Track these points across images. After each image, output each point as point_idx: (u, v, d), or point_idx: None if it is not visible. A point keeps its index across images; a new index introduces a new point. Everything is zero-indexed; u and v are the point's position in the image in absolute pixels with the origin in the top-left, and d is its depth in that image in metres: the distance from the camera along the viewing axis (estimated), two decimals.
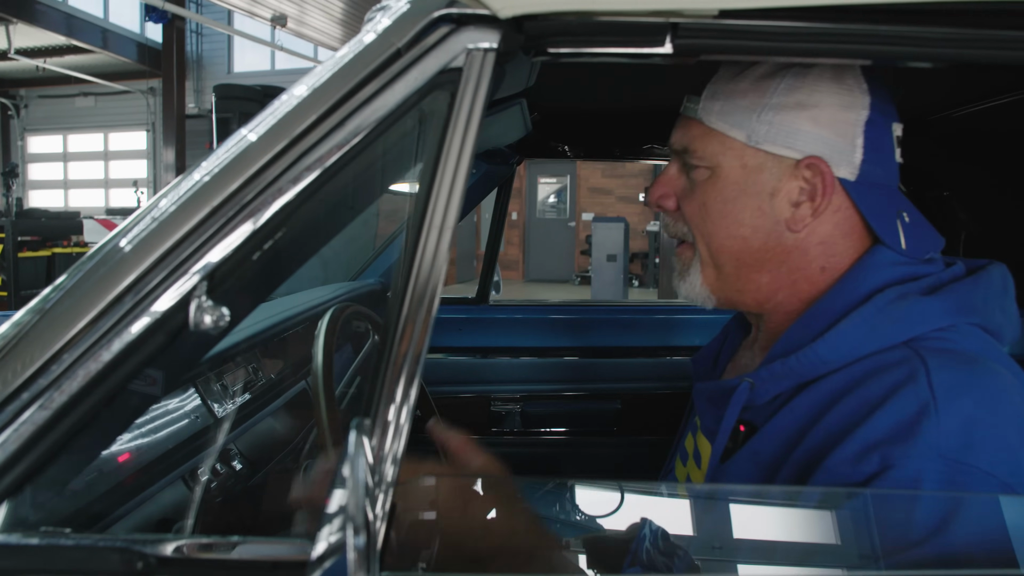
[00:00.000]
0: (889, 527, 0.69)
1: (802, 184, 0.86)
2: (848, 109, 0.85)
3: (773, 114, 0.85)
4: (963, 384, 0.74)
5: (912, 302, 0.81)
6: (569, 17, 0.70)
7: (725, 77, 0.89)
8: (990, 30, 0.71)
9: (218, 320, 0.66)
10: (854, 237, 0.88)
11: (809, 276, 0.89)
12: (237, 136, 0.70)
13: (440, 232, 0.68)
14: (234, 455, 1.36)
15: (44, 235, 8.83)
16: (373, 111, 0.69)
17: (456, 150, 0.69)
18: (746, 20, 0.71)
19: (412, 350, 0.65)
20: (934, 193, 2.29)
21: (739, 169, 0.87)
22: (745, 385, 0.86)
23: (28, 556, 0.65)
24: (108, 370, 0.67)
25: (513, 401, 2.40)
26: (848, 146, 0.85)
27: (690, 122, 0.91)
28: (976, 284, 0.86)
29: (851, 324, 0.81)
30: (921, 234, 0.89)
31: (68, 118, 15.65)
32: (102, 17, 13.22)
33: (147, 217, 0.69)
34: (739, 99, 0.87)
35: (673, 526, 0.71)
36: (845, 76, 0.85)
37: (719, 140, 0.88)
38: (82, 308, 0.67)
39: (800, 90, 0.85)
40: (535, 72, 1.22)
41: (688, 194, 0.92)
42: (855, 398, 0.77)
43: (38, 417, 0.65)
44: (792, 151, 0.85)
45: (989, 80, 1.52)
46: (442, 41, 0.70)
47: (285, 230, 0.69)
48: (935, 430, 0.71)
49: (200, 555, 0.65)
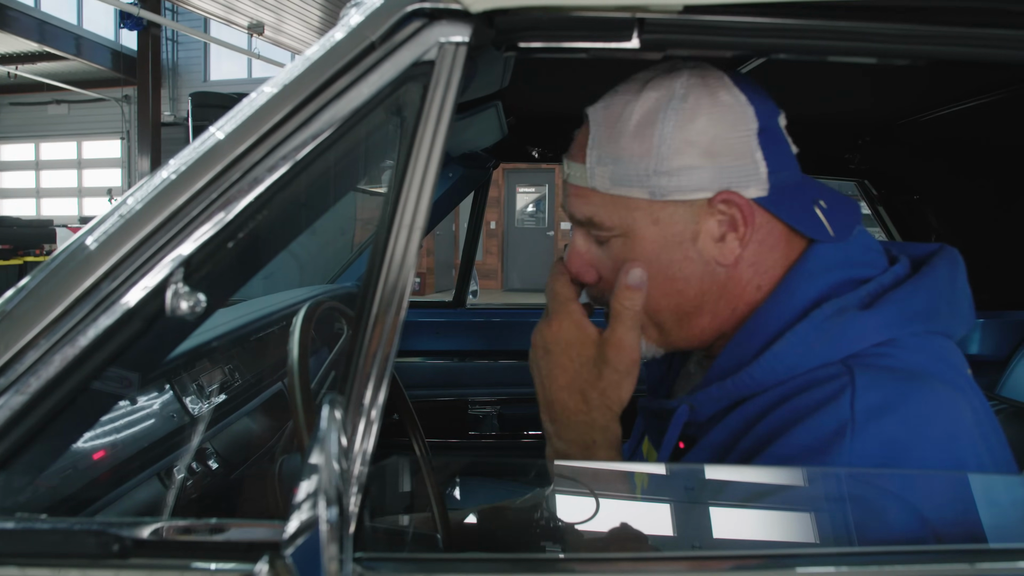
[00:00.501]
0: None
1: (719, 218, 0.83)
2: (736, 128, 0.82)
3: (668, 162, 0.81)
4: (889, 405, 0.73)
5: (849, 318, 0.79)
6: (538, 12, 0.72)
7: (602, 134, 0.85)
8: (951, 27, 0.74)
9: (194, 306, 0.67)
10: (781, 246, 0.87)
11: (746, 299, 0.87)
12: (220, 123, 0.71)
13: (412, 223, 0.69)
14: (210, 454, 1.36)
15: (16, 244, 8.73)
16: (347, 102, 0.70)
17: (428, 141, 0.71)
18: (711, 16, 0.73)
19: (382, 349, 0.66)
20: (904, 197, 2.34)
21: (652, 226, 0.84)
22: (684, 408, 0.86)
23: (4, 540, 0.65)
24: (84, 356, 0.67)
25: (491, 404, 2.42)
26: (750, 165, 0.82)
27: (582, 190, 0.87)
28: (919, 287, 0.83)
29: (787, 344, 0.79)
30: (842, 214, 0.87)
31: (41, 126, 15.45)
32: (76, 24, 13.08)
33: (124, 206, 0.70)
34: (627, 157, 0.83)
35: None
36: (719, 95, 0.82)
37: (623, 204, 0.84)
38: (58, 296, 0.68)
39: (684, 127, 0.81)
40: (509, 71, 1.25)
41: (605, 263, 0.88)
42: (782, 412, 0.77)
43: (14, 402, 0.66)
44: (700, 192, 0.82)
45: (955, 84, 1.57)
46: (415, 35, 0.72)
47: (261, 219, 0.70)
48: (847, 452, 0.71)
49: (176, 537, 0.66)
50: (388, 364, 0.67)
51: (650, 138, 0.82)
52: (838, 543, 0.70)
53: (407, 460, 0.81)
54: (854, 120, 2.00)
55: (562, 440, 0.88)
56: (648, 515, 0.75)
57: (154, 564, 0.65)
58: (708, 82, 0.84)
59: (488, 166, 2.38)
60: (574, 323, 0.88)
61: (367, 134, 0.73)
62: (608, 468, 0.84)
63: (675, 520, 0.74)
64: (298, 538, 0.54)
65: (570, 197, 0.89)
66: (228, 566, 0.65)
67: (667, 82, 0.84)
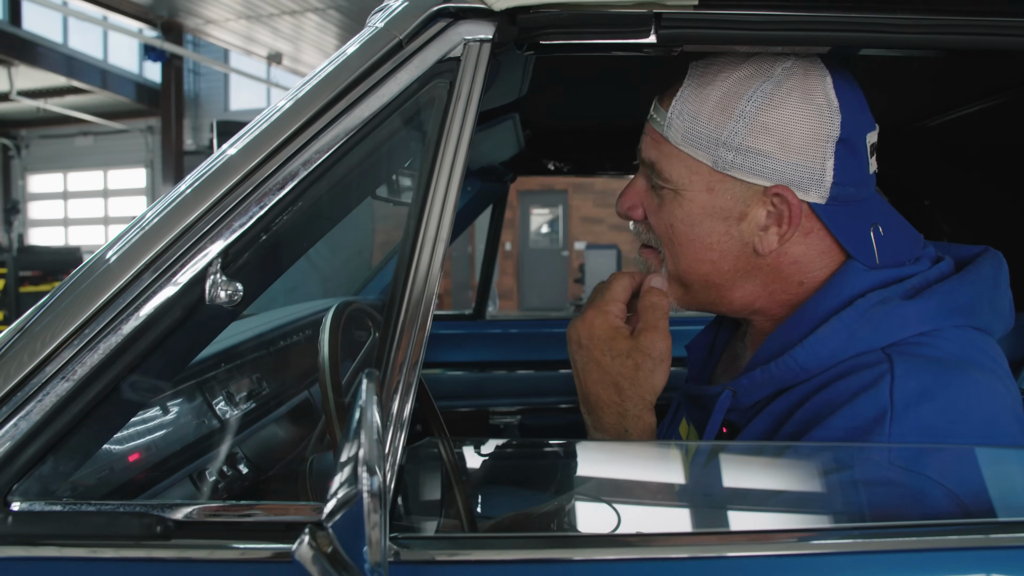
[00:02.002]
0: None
1: (769, 209, 0.85)
2: (817, 131, 0.82)
3: (740, 139, 0.82)
4: (927, 392, 0.74)
5: (893, 307, 0.80)
6: (558, 8, 0.75)
7: (691, 93, 0.86)
8: (964, 16, 0.76)
9: (232, 295, 0.70)
10: (830, 254, 0.87)
11: (787, 288, 0.88)
12: (256, 120, 0.74)
13: (440, 216, 0.72)
14: (240, 458, 1.39)
15: (45, 270, 8.91)
16: (377, 98, 0.73)
17: (456, 133, 0.74)
18: (726, 10, 0.76)
19: (409, 358, 0.69)
20: (914, 203, 2.34)
21: (705, 192, 0.85)
22: (727, 394, 0.87)
23: (53, 522, 0.67)
24: (127, 344, 0.70)
25: (512, 414, 2.42)
26: (818, 170, 0.82)
27: (657, 136, 0.89)
28: (963, 282, 0.84)
29: (831, 329, 0.81)
30: (897, 244, 0.88)
31: (68, 157, 15.80)
32: (101, 58, 13.42)
33: (172, 199, 0.73)
34: (705, 121, 0.84)
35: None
36: (814, 93, 0.82)
37: (685, 163, 0.86)
38: (102, 288, 0.71)
39: (767, 111, 0.82)
40: (527, 78, 1.27)
41: (656, 210, 0.90)
42: (822, 397, 0.78)
43: (61, 388, 0.69)
44: (760, 178, 0.83)
45: (961, 89, 1.58)
46: (441, 33, 0.75)
47: (296, 213, 0.73)
48: (886, 438, 0.73)
49: (216, 518, 0.68)
50: (415, 373, 0.69)
51: (732, 110, 0.83)
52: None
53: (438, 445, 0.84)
54: None
55: (598, 430, 0.91)
56: (673, 500, 0.77)
57: (195, 544, 0.67)
58: (808, 76, 0.83)
59: (506, 180, 2.41)
60: (605, 318, 0.90)
61: (396, 130, 0.75)
62: (648, 447, 0.86)
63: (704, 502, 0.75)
64: (339, 511, 0.56)
65: (645, 136, 0.91)
66: (267, 545, 0.66)
67: (770, 62, 0.84)
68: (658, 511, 0.82)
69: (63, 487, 0.75)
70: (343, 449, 0.57)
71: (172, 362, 0.79)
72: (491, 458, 1.21)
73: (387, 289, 2.44)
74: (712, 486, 0.79)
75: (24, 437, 0.68)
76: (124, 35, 11.38)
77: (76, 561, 0.66)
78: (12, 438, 0.67)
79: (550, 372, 2.44)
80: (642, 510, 0.80)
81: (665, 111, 0.87)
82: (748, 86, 0.83)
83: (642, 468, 0.84)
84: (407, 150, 0.79)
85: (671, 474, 0.84)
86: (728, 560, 0.67)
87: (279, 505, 0.69)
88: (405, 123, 0.75)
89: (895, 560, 0.67)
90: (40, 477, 0.69)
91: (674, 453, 0.88)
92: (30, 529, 0.67)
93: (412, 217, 0.72)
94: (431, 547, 0.66)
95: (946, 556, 0.68)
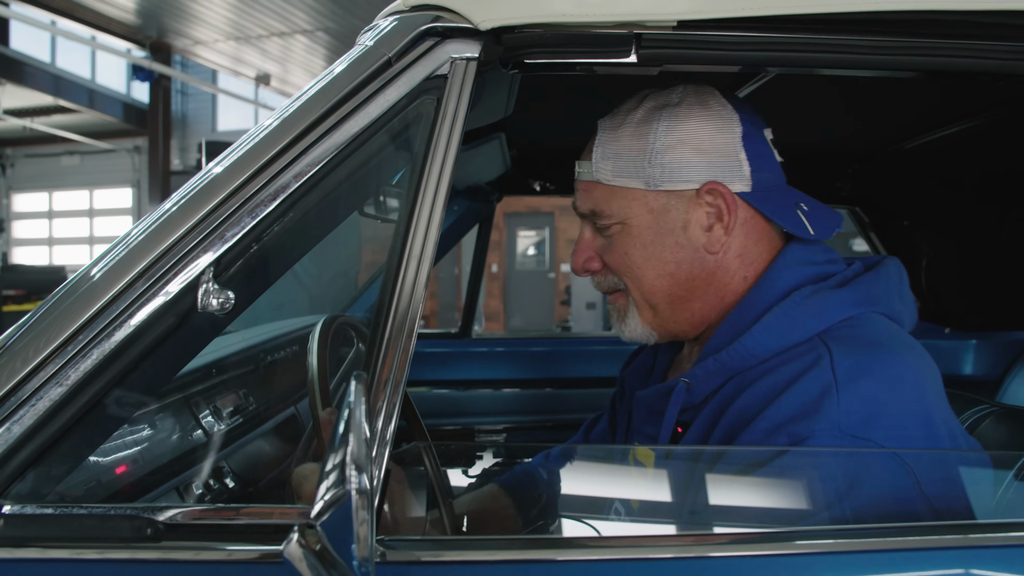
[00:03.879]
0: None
1: (707, 209, 0.94)
2: (722, 131, 0.93)
3: (661, 156, 0.92)
4: (864, 367, 0.82)
5: (825, 295, 0.90)
6: (541, 28, 0.78)
7: (606, 136, 0.96)
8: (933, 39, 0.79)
9: (224, 303, 0.72)
10: (766, 240, 0.97)
11: (734, 288, 0.96)
12: (245, 136, 0.77)
13: (427, 230, 0.74)
14: (226, 472, 1.39)
15: (29, 289, 8.84)
16: (367, 114, 0.76)
17: (443, 149, 0.76)
18: (704, 31, 0.79)
19: (394, 376, 0.70)
20: (894, 223, 2.39)
21: (647, 214, 0.94)
22: (682, 385, 0.92)
23: (43, 525, 0.68)
24: (119, 351, 0.72)
25: (496, 433, 2.43)
26: (735, 162, 0.93)
27: (589, 184, 0.98)
28: (877, 277, 0.94)
29: (774, 317, 0.89)
30: (822, 217, 0.97)
31: (54, 176, 15.70)
32: (89, 78, 13.41)
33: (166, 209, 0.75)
34: (626, 153, 0.94)
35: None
36: (709, 103, 0.94)
37: (621, 196, 0.95)
38: (97, 293, 0.72)
39: (676, 128, 0.93)
40: (513, 99, 1.30)
41: (608, 250, 0.98)
42: (765, 383, 0.85)
43: (54, 393, 0.70)
44: (689, 183, 0.93)
45: (939, 112, 1.63)
46: (429, 52, 0.78)
47: (287, 221, 0.75)
48: (835, 409, 0.79)
49: (205, 521, 0.69)
50: (400, 390, 0.71)
51: (646, 135, 0.93)
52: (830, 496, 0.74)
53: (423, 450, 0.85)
54: (843, 148, 2.06)
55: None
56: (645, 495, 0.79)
57: (184, 546, 0.68)
58: (700, 93, 0.96)
59: (492, 199, 2.44)
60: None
61: (385, 144, 0.78)
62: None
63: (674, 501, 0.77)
64: (328, 510, 0.57)
65: (578, 192, 1.00)
66: (255, 547, 0.68)
67: (664, 93, 0.97)
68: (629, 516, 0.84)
69: (52, 494, 0.76)
70: (332, 450, 0.58)
71: (164, 369, 0.80)
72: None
73: (373, 307, 2.46)
74: (680, 490, 0.82)
75: (17, 441, 0.69)
76: (112, 55, 11.40)
77: (66, 563, 0.67)
78: (5, 442, 0.69)
79: (535, 390, 2.46)
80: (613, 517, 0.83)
81: (589, 162, 0.97)
82: (653, 115, 0.94)
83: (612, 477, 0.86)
84: (395, 164, 0.81)
85: (641, 481, 0.87)
86: (711, 560, 0.69)
87: (266, 508, 0.70)
88: (393, 138, 0.78)
89: (872, 560, 0.69)
90: (31, 481, 0.70)
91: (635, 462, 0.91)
92: (21, 531, 0.68)
93: (398, 233, 0.74)
94: (417, 548, 0.68)
95: (923, 556, 0.70)
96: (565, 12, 0.77)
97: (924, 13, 0.77)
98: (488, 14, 0.77)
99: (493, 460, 2.43)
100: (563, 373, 2.48)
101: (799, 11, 0.78)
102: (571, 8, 0.77)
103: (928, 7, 0.76)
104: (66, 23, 9.55)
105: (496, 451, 2.41)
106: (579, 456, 1.11)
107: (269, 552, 0.67)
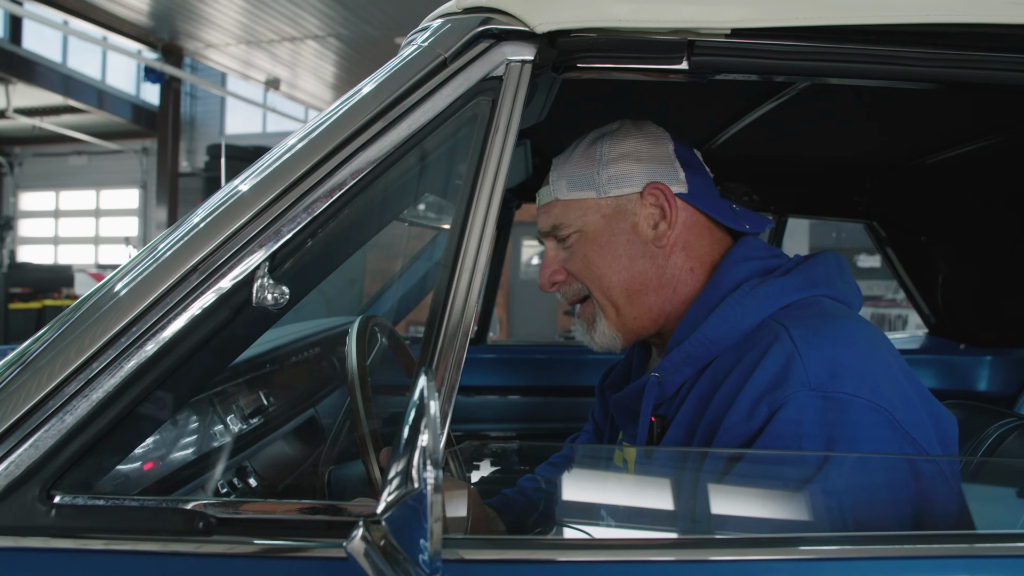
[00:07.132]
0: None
1: (651, 209, 1.07)
2: (657, 146, 1.08)
3: (607, 169, 1.07)
4: (819, 332, 0.92)
5: (772, 283, 1.00)
6: (596, 33, 0.78)
7: (559, 162, 1.11)
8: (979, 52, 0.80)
9: (278, 297, 0.72)
10: (707, 235, 1.09)
11: (683, 279, 1.08)
12: (303, 129, 0.77)
13: (483, 228, 0.75)
14: (250, 472, 1.39)
15: (35, 287, 8.83)
16: (424, 112, 0.76)
17: (498, 150, 0.77)
18: (757, 39, 0.79)
19: (447, 384, 0.71)
20: (911, 239, 2.39)
21: (601, 220, 1.07)
22: (653, 380, 1.01)
23: (95, 516, 0.68)
24: (174, 343, 0.72)
25: (509, 439, 2.43)
26: (671, 169, 1.07)
27: (548, 205, 1.11)
28: (815, 263, 1.05)
29: (727, 307, 0.99)
30: (753, 217, 1.12)
31: (61, 176, 15.72)
32: (99, 79, 13.45)
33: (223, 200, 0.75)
34: (578, 170, 1.08)
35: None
36: (644, 128, 1.10)
37: (577, 206, 1.08)
38: (151, 286, 0.73)
39: (618, 146, 1.07)
40: (548, 105, 1.31)
41: (569, 259, 1.10)
42: (738, 369, 0.93)
43: (107, 384, 0.70)
44: (633, 187, 1.07)
45: (958, 129, 1.63)
46: (484, 53, 0.78)
47: (343, 219, 0.75)
48: (802, 371, 0.88)
49: (258, 515, 0.69)
50: (453, 394, 0.71)
51: (593, 154, 1.09)
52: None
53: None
54: (862, 163, 2.06)
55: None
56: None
57: (236, 540, 0.68)
58: (636, 121, 1.12)
59: (512, 205, 2.45)
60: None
61: (440, 144, 0.78)
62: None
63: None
64: (396, 505, 0.57)
65: (540, 217, 1.13)
66: (311, 541, 0.67)
67: (606, 126, 1.12)
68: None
69: (95, 488, 0.76)
70: (401, 445, 0.58)
71: (215, 362, 0.80)
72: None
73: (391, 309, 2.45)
74: (676, 493, 0.88)
75: (70, 432, 0.69)
76: (122, 56, 11.44)
77: (117, 554, 0.67)
78: (59, 432, 0.69)
79: (549, 397, 2.45)
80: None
81: (547, 186, 1.11)
82: (598, 140, 1.09)
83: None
84: (450, 164, 0.81)
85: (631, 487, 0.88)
86: (710, 564, 0.69)
87: (320, 504, 0.70)
88: (448, 137, 0.78)
89: (876, 567, 0.69)
90: (82, 472, 0.70)
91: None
92: (72, 522, 0.68)
93: (452, 235, 0.74)
94: (464, 546, 0.68)
95: (927, 564, 0.70)
96: (621, 17, 0.77)
97: (979, 27, 0.77)
98: (545, 17, 0.77)
99: (492, 469, 2.43)
100: (578, 381, 2.48)
101: (852, 22, 0.79)
102: (627, 13, 0.77)
103: (986, 20, 0.76)
104: (79, 23, 9.59)
105: (510, 456, 2.41)
106: (573, 463, 1.18)
107: (323, 546, 0.67)
